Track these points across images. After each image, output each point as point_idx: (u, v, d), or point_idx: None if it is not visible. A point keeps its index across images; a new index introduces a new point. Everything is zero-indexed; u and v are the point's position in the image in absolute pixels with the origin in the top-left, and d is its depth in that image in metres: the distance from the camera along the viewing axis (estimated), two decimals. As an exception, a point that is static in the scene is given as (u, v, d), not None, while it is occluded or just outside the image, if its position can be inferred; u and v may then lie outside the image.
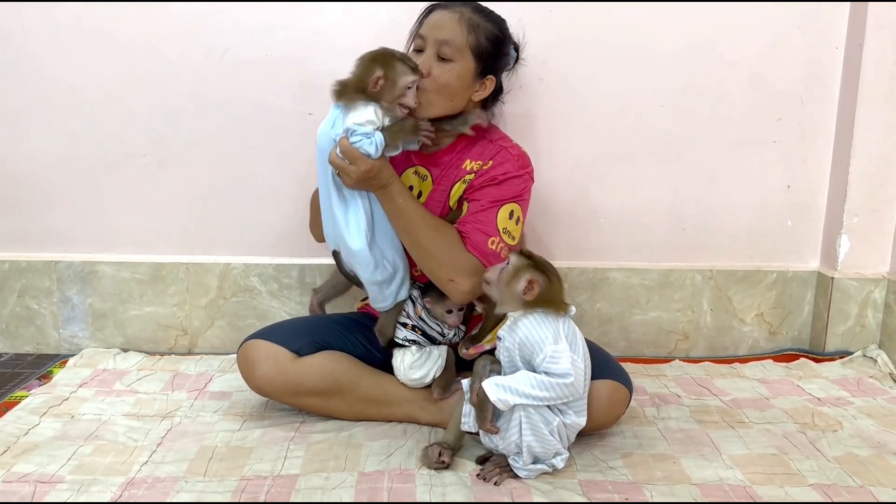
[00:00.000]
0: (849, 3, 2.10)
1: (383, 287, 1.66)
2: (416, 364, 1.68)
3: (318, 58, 2.04)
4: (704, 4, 2.07)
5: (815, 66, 2.14)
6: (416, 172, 1.73)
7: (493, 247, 1.58)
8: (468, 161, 1.68)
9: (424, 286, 1.71)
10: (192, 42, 2.04)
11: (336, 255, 1.70)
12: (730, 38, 2.10)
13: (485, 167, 1.65)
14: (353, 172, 1.52)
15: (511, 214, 1.63)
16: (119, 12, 2.02)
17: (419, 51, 1.66)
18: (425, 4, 1.81)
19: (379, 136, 1.52)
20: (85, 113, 2.08)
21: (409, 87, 1.56)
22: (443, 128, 1.67)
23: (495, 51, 1.66)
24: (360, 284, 1.71)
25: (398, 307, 1.70)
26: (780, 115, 2.16)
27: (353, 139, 1.51)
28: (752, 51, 2.12)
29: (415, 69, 1.56)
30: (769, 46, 2.11)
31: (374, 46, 2.02)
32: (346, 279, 1.75)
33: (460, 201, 1.68)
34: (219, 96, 2.07)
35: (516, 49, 1.76)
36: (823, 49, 2.13)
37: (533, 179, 1.69)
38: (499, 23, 1.69)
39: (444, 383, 1.68)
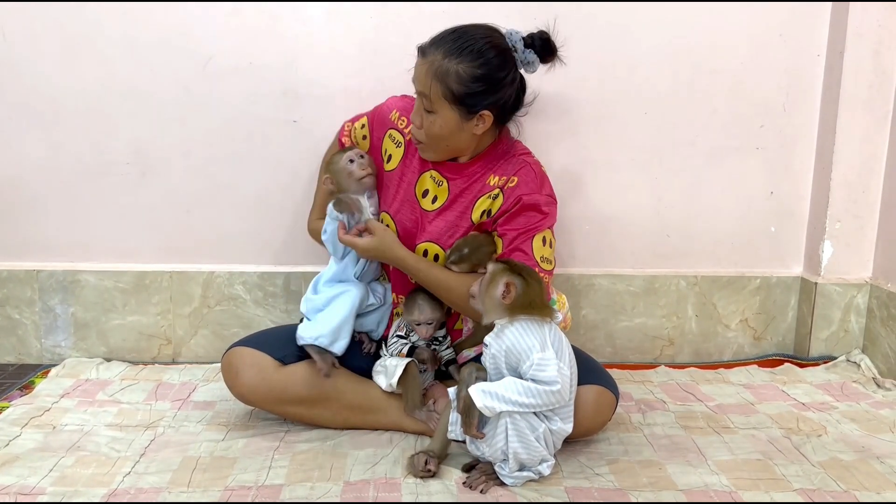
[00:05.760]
0: (830, 3, 2.12)
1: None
2: (378, 371, 1.71)
3: (302, 66, 2.04)
4: (687, 13, 2.09)
5: (797, 74, 2.16)
6: (431, 177, 1.72)
7: None
8: (492, 176, 1.68)
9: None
10: (176, 49, 2.03)
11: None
12: (712, 46, 2.12)
13: (510, 184, 1.65)
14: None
15: (544, 241, 1.64)
16: (101, 19, 2.00)
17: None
18: (408, 14, 1.82)
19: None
20: (67, 121, 2.06)
21: (352, 161, 1.72)
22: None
23: (478, 89, 1.57)
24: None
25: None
26: (763, 122, 2.18)
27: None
28: (735, 58, 2.13)
29: (344, 149, 1.75)
30: (751, 54, 2.13)
31: (358, 55, 2.04)
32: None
33: (488, 222, 1.67)
34: (202, 104, 2.06)
35: (542, 43, 1.65)
36: (805, 56, 2.15)
37: (556, 200, 1.69)
38: (480, 56, 1.56)
39: (410, 403, 1.68)
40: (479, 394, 1.40)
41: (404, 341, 1.70)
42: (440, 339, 1.75)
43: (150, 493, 1.42)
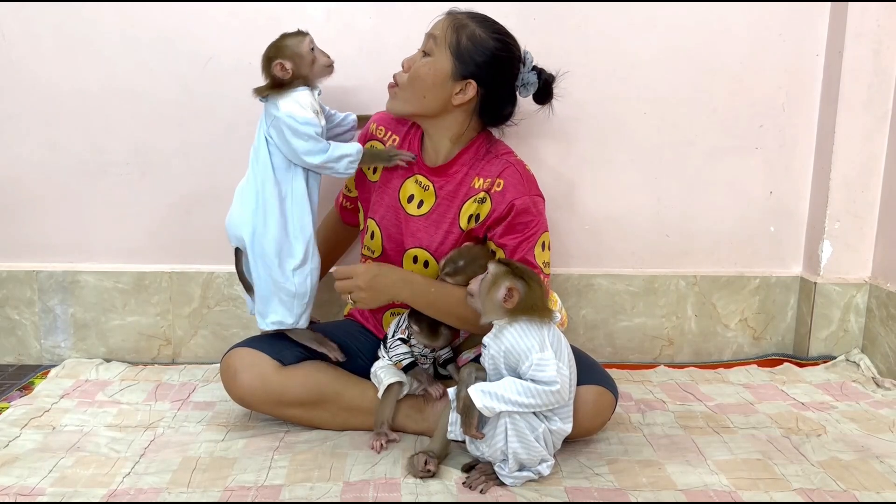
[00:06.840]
0: (829, 3, 2.12)
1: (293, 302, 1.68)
2: (374, 375, 1.71)
3: (301, 66, 2.04)
4: (687, 12, 2.09)
5: (796, 74, 2.16)
6: (416, 181, 1.73)
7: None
8: (476, 178, 1.68)
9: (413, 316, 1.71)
10: (176, 49, 2.03)
11: (238, 253, 1.74)
12: (711, 46, 2.12)
13: (496, 188, 1.65)
14: (359, 283, 1.58)
15: (543, 246, 1.65)
16: (100, 19, 2.00)
17: None
18: (408, 14, 1.80)
19: (342, 146, 1.62)
20: (66, 121, 2.06)
21: (313, 49, 1.64)
22: None
23: (480, 58, 1.62)
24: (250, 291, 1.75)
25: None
26: (762, 122, 2.18)
27: (296, 126, 1.59)
28: (734, 58, 2.13)
29: (300, 32, 1.65)
30: (750, 54, 2.13)
31: (357, 56, 2.04)
32: (244, 284, 1.78)
33: (479, 228, 1.67)
34: (202, 104, 2.06)
35: (545, 79, 1.70)
36: (804, 56, 2.15)
37: (544, 197, 1.69)
38: (497, 34, 1.64)
39: (377, 419, 1.67)
40: (479, 394, 1.40)
41: (406, 351, 1.69)
42: None
43: (150, 494, 1.42)
